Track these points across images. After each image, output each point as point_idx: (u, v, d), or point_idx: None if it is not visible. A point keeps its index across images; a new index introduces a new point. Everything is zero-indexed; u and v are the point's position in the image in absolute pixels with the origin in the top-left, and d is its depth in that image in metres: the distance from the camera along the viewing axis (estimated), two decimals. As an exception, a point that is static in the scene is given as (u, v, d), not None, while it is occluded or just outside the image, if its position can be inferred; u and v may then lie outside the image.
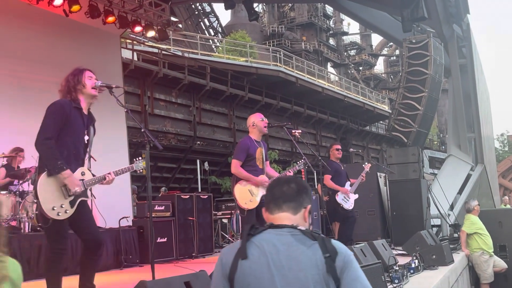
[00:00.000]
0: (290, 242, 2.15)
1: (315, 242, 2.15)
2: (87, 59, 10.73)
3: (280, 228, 2.20)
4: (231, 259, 2.16)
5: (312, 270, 2.10)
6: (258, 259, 2.13)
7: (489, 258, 9.36)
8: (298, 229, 2.20)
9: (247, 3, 12.61)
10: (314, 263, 2.11)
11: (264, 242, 2.16)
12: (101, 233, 4.22)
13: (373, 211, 10.68)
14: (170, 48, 21.82)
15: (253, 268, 2.12)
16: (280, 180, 2.35)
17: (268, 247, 2.14)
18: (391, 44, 63.02)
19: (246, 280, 2.12)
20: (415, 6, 12.10)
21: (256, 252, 2.15)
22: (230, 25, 44.71)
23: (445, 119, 52.00)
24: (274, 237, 2.17)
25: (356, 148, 31.30)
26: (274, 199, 2.29)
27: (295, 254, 2.13)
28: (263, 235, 2.19)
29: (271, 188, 2.34)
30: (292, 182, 2.31)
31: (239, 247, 2.17)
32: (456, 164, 14.86)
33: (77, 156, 4.06)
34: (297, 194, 2.29)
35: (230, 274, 2.14)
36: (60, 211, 3.89)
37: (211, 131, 21.84)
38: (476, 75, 15.77)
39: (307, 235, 2.18)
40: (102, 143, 10.17)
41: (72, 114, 4.02)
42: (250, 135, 6.50)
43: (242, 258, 2.13)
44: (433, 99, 20.13)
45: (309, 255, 2.12)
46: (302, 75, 27.70)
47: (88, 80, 4.17)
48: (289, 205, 2.27)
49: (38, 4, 9.29)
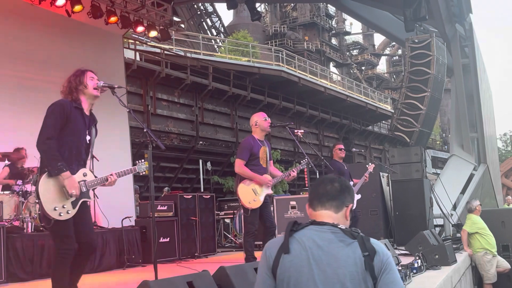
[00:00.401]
0: (331, 239, 2.26)
1: (355, 240, 2.25)
2: (90, 59, 10.74)
3: (322, 225, 2.32)
4: (274, 253, 2.29)
5: (350, 268, 2.20)
6: (299, 254, 2.24)
7: (492, 258, 9.34)
8: (338, 228, 2.30)
9: (250, 3, 12.61)
10: (352, 261, 2.21)
11: (305, 238, 2.27)
12: (97, 236, 4.18)
13: (376, 211, 10.67)
14: (172, 48, 21.82)
15: (294, 262, 2.24)
16: (325, 179, 2.45)
17: (309, 243, 2.25)
18: (393, 43, 62.94)
19: (287, 273, 2.24)
20: (417, 6, 12.09)
21: (298, 247, 2.26)
22: (233, 25, 44.71)
23: (447, 119, 51.96)
24: (315, 234, 2.28)
25: (358, 148, 31.30)
26: (318, 197, 2.39)
27: (335, 251, 2.23)
28: (305, 231, 2.30)
29: (316, 186, 2.44)
30: (336, 182, 2.41)
31: (282, 242, 2.28)
32: (459, 164, 14.86)
33: (78, 156, 4.05)
34: (340, 193, 2.39)
35: (273, 267, 2.27)
36: (62, 211, 3.88)
37: (213, 131, 21.85)
38: (479, 75, 15.76)
39: (347, 233, 2.28)
40: (105, 143, 10.19)
41: (73, 114, 4.01)
42: (253, 134, 6.50)
43: (284, 253, 2.25)
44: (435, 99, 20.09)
45: (348, 253, 2.22)
46: (305, 75, 27.68)
47: (90, 81, 4.16)
48: (332, 204, 2.37)
49: (40, 4, 9.29)
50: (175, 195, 9.54)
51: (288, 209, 10.92)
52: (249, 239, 6.26)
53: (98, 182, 4.17)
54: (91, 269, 7.57)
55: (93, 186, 4.15)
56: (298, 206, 10.84)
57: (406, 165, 10.91)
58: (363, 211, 10.50)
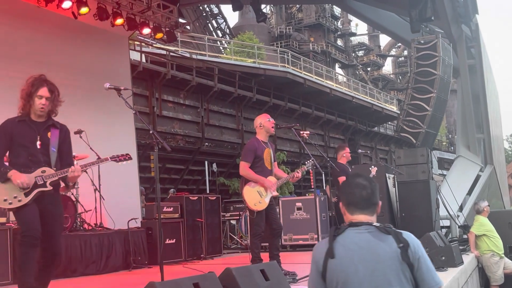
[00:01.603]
0: (369, 238, 2.51)
1: (389, 235, 2.50)
2: (96, 61, 10.77)
3: (358, 226, 2.56)
4: (322, 257, 2.54)
5: (389, 261, 2.44)
6: (344, 256, 2.48)
7: (500, 260, 9.30)
8: (373, 226, 2.55)
9: (255, 5, 12.60)
10: (390, 255, 2.45)
11: (347, 240, 2.52)
12: (60, 243, 4.51)
13: (382, 213, 10.61)
14: (178, 50, 21.85)
15: (340, 265, 2.48)
16: (357, 185, 2.64)
17: (351, 245, 2.50)
18: (399, 44, 62.81)
19: (335, 275, 2.48)
20: (423, 7, 12.06)
21: (342, 250, 2.50)
22: (238, 27, 44.76)
23: (454, 120, 51.78)
24: (355, 235, 2.53)
25: (364, 149, 31.18)
26: (354, 203, 2.62)
27: (374, 248, 2.47)
28: (346, 234, 2.55)
29: (349, 192, 2.65)
30: (368, 187, 2.63)
31: (327, 248, 2.53)
32: (465, 165, 14.80)
33: (35, 159, 4.38)
34: (373, 197, 2.63)
35: (322, 272, 2.53)
36: (13, 201, 4.29)
37: (219, 132, 21.86)
38: (485, 75, 15.71)
39: (381, 230, 2.53)
40: (111, 145, 10.23)
41: (16, 129, 4.40)
42: (257, 136, 6.50)
43: (330, 258, 2.50)
44: (441, 100, 20.03)
45: (385, 248, 2.47)
46: (310, 76, 27.67)
47: (38, 100, 4.45)
48: (369, 209, 2.62)
49: (47, 6, 9.32)
50: (181, 196, 9.55)
51: (294, 210, 10.91)
52: (255, 241, 6.26)
53: (55, 175, 4.44)
54: (97, 271, 7.60)
55: (50, 179, 4.40)
56: (304, 207, 10.83)
57: (412, 166, 10.88)
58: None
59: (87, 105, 10.18)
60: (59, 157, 4.51)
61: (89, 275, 7.44)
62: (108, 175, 9.10)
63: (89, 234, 7.79)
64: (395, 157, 11.60)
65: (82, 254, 7.45)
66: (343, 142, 30.55)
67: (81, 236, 7.60)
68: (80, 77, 10.35)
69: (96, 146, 8.69)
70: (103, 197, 8.75)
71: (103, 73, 10.66)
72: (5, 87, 8.96)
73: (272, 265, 4.46)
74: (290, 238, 10.86)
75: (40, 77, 4.56)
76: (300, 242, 10.81)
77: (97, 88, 8.77)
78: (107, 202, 8.82)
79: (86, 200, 8.64)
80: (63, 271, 7.12)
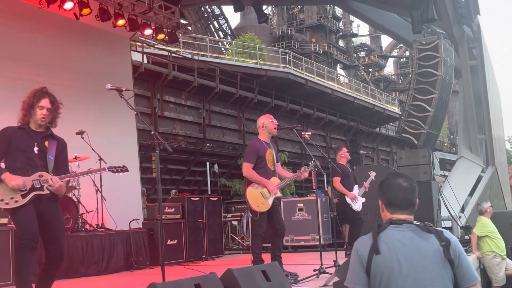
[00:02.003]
0: (411, 236, 2.62)
1: (431, 234, 2.62)
2: (97, 61, 10.79)
3: (400, 224, 2.67)
4: (366, 253, 2.63)
5: (432, 258, 2.56)
6: (388, 253, 2.58)
7: (501, 261, 9.28)
8: (414, 224, 2.67)
9: (256, 5, 12.62)
10: (433, 252, 2.57)
11: (390, 238, 2.63)
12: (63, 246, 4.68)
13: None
14: (179, 51, 21.87)
15: (385, 261, 2.57)
16: (400, 186, 2.74)
17: (394, 242, 2.61)
18: (401, 45, 62.77)
19: (380, 271, 2.57)
20: (425, 8, 12.05)
21: (385, 247, 2.60)
22: (240, 28, 44.76)
23: (455, 121, 51.73)
24: (397, 233, 2.64)
25: (366, 150, 31.15)
26: (396, 204, 2.74)
27: (417, 246, 2.58)
28: (388, 232, 2.66)
29: (391, 192, 2.75)
30: (409, 189, 2.73)
31: (372, 244, 2.62)
32: (467, 166, 14.78)
33: (32, 163, 4.51)
34: (413, 197, 2.74)
35: (367, 267, 2.61)
36: (9, 201, 4.36)
37: (220, 133, 21.86)
38: (487, 76, 15.68)
39: (423, 229, 2.65)
40: (112, 146, 10.24)
41: (15, 135, 4.54)
42: (259, 136, 6.50)
43: (375, 254, 2.59)
44: (443, 101, 19.98)
45: (427, 246, 2.59)
46: (312, 77, 27.66)
47: (39, 110, 4.57)
48: (409, 209, 2.74)
49: (48, 7, 9.33)
50: (183, 197, 9.55)
51: (296, 211, 10.91)
52: (257, 242, 6.26)
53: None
54: (98, 271, 7.60)
55: (47, 183, 4.51)
56: (305, 208, 10.83)
57: (414, 167, 10.86)
58: (371, 214, 10.46)
59: (88, 106, 10.19)
60: (55, 167, 4.60)
61: (91, 276, 7.45)
62: (110, 176, 9.08)
63: (91, 235, 7.80)
64: (397, 158, 11.59)
65: (83, 255, 7.46)
66: (343, 143, 30.55)
67: (83, 237, 7.60)
68: (81, 78, 10.36)
69: (97, 147, 8.71)
70: (104, 198, 8.76)
71: (105, 74, 10.67)
72: (7, 88, 8.98)
73: (273, 266, 4.46)
74: (291, 239, 10.86)
75: (42, 89, 4.68)
76: (302, 243, 10.81)
77: (99, 89, 8.78)
78: (108, 203, 8.83)
79: (87, 201, 8.65)
80: (65, 272, 7.12)
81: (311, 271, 6.28)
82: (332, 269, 6.30)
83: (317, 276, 6.16)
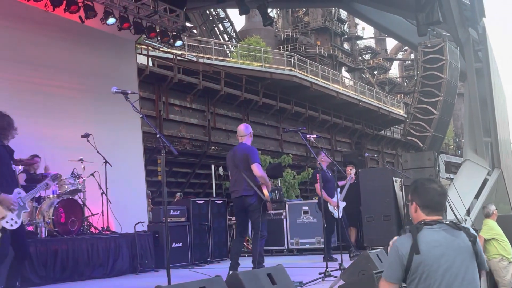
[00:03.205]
0: (445, 235, 2.93)
1: (461, 231, 2.95)
2: (103, 65, 10.82)
3: (433, 225, 2.96)
4: (407, 252, 2.89)
5: (465, 254, 2.91)
6: (426, 252, 2.87)
7: (508, 265, 9.23)
8: (445, 224, 2.98)
9: (262, 8, 12.63)
10: (465, 249, 2.91)
11: (427, 238, 2.91)
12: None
13: (388, 216, 10.59)
14: (184, 54, 21.91)
15: (424, 260, 2.86)
16: (436, 191, 3.03)
17: (432, 242, 2.89)
18: (406, 48, 62.68)
19: (420, 269, 2.87)
20: (430, 10, 12.03)
21: (424, 247, 2.88)
22: (244, 30, 44.78)
23: (461, 123, 51.60)
24: (432, 233, 2.93)
25: (371, 153, 31.08)
26: (432, 207, 3.03)
27: (452, 244, 2.90)
28: (424, 232, 2.93)
29: (428, 196, 3.03)
30: (443, 194, 3.07)
31: (412, 243, 2.89)
32: (472, 169, 14.71)
33: (13, 179, 4.91)
34: (445, 201, 3.13)
35: (407, 265, 2.89)
36: (12, 223, 4.72)
37: (225, 136, 21.86)
38: (493, 79, 15.63)
39: (453, 227, 2.97)
40: (118, 149, 10.27)
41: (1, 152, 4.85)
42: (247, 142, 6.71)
43: (416, 254, 2.87)
44: (449, 104, 19.91)
45: (460, 243, 2.92)
46: (317, 80, 27.64)
47: (14, 131, 5.01)
48: (441, 211, 3.08)
49: (54, 10, 9.36)
50: (188, 200, 9.55)
51: (301, 214, 10.89)
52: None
53: (29, 196, 5.04)
54: (104, 274, 7.61)
55: (27, 200, 4.94)
56: (310, 211, 10.81)
57: (419, 170, 10.84)
58: (376, 216, 10.45)
59: (94, 109, 10.21)
60: None
61: (96, 279, 7.46)
62: (115, 178, 9.12)
63: (96, 238, 7.80)
64: (402, 161, 11.56)
65: (89, 258, 7.47)
66: (349, 146, 30.52)
67: (88, 240, 7.61)
68: (87, 81, 10.39)
69: (103, 150, 8.73)
70: (110, 201, 8.77)
71: (110, 77, 10.70)
72: (12, 91, 9.02)
73: (279, 269, 4.45)
74: (296, 242, 10.84)
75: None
76: (307, 246, 10.79)
77: (104, 92, 8.78)
78: (114, 205, 8.84)
79: (93, 203, 8.67)
80: (70, 274, 7.14)
81: (316, 274, 6.27)
82: (337, 272, 6.29)
83: (322, 279, 6.15)
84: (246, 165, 6.45)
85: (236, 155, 6.60)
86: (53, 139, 9.12)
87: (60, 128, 9.32)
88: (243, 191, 6.45)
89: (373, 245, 9.85)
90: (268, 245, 10.96)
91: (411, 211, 3.11)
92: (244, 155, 6.50)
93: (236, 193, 6.55)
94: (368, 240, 10.49)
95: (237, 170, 6.54)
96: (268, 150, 23.19)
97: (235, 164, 6.56)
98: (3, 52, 9.09)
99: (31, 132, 9.08)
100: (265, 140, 23.70)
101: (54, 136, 9.18)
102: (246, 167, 6.45)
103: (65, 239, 7.32)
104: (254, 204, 6.39)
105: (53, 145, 9.03)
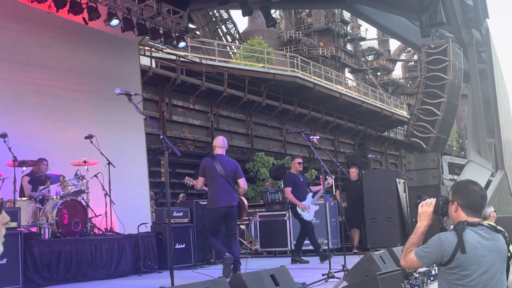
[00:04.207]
0: (485, 237, 3.05)
1: (499, 234, 3.10)
2: (106, 66, 10.84)
3: (475, 226, 3.08)
4: (452, 248, 3.01)
5: (503, 256, 3.08)
6: (469, 251, 2.99)
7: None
8: (485, 226, 3.10)
9: (265, 10, 12.63)
10: (503, 251, 3.09)
11: (470, 238, 3.02)
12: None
13: (392, 218, 10.58)
14: (188, 55, 21.93)
15: (466, 258, 2.99)
16: (479, 193, 3.15)
17: (474, 242, 3.02)
18: (409, 49, 62.61)
19: (461, 266, 3.00)
20: (433, 11, 12.02)
21: (468, 246, 3.00)
22: (247, 32, 44.82)
23: (464, 125, 51.50)
24: (475, 234, 3.05)
25: (374, 154, 31.07)
26: (474, 209, 3.15)
27: (492, 245, 3.04)
28: (467, 232, 3.04)
29: (471, 198, 3.14)
30: (485, 197, 3.19)
31: (457, 242, 3.01)
32: (476, 170, 14.70)
33: None
34: (485, 204, 3.29)
35: (449, 259, 3.02)
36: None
37: (228, 137, 21.83)
38: (496, 80, 15.61)
39: (493, 229, 3.11)
40: (121, 150, 10.28)
41: None
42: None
43: (462, 252, 2.99)
44: (452, 105, 19.91)
45: (499, 245, 3.08)
46: (320, 81, 27.63)
47: None
48: (481, 213, 3.20)
49: (58, 12, 9.39)
50: (191, 201, 9.56)
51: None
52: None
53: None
54: (107, 275, 7.61)
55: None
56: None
57: (423, 171, 10.82)
58: (379, 218, 10.44)
59: (97, 110, 10.23)
60: None
61: (99, 280, 7.46)
62: (119, 180, 9.14)
63: (99, 239, 7.81)
64: (406, 162, 11.55)
65: (92, 259, 7.47)
66: (352, 147, 30.50)
67: (92, 241, 7.62)
68: (90, 82, 10.41)
69: (106, 151, 8.74)
70: (113, 202, 8.77)
71: (114, 78, 10.72)
72: (16, 92, 9.04)
73: (282, 270, 4.45)
74: (300, 243, 10.81)
75: None
76: (310, 247, 10.77)
77: (108, 93, 8.82)
78: (117, 207, 8.85)
79: (96, 204, 8.68)
80: (74, 275, 7.15)
81: (319, 275, 6.27)
82: (340, 273, 6.28)
83: (325, 280, 6.15)
84: (234, 178, 6.97)
85: (225, 167, 6.93)
86: (56, 141, 9.14)
87: (64, 129, 9.33)
88: (235, 201, 6.95)
89: (376, 246, 9.83)
90: (271, 246, 10.96)
91: (450, 210, 3.20)
92: (234, 169, 6.99)
93: (228, 202, 6.91)
94: (371, 242, 10.48)
95: (225, 180, 6.88)
96: (271, 151, 23.19)
97: (223, 175, 6.88)
98: (7, 53, 9.12)
99: (35, 133, 9.11)
100: (268, 141, 23.70)
101: (57, 138, 9.20)
102: (234, 179, 6.97)
103: (69, 240, 7.33)
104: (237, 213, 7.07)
105: (56, 147, 9.05)
